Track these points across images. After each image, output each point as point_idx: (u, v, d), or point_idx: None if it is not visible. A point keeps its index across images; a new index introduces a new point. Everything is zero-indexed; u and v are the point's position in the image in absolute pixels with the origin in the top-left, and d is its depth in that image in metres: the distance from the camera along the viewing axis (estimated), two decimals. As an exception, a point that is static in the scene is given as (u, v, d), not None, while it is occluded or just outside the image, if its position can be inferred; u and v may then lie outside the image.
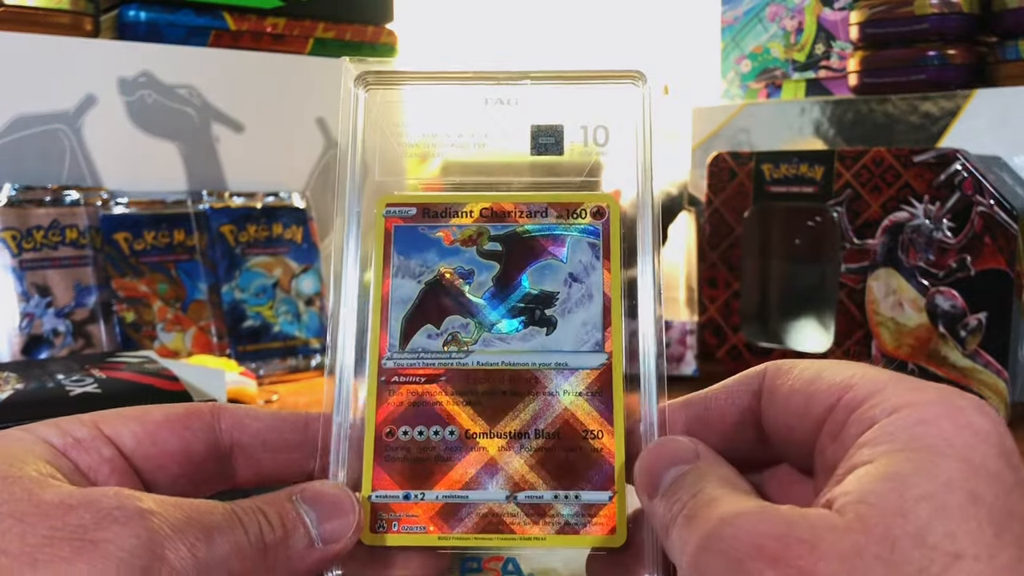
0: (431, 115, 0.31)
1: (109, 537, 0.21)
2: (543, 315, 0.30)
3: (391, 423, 0.29)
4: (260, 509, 0.25)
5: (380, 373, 0.29)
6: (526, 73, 0.31)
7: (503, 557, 0.27)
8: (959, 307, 0.64)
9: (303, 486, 0.27)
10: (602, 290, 0.30)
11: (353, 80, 0.31)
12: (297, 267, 0.85)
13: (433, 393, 0.29)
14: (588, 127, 0.31)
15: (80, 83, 0.78)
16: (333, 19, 0.90)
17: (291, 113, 0.89)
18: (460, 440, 0.28)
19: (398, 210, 0.31)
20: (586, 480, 0.28)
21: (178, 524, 0.22)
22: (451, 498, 0.28)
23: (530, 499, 0.28)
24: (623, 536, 0.27)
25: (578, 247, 0.30)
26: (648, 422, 0.28)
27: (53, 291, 0.74)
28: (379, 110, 0.31)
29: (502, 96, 0.31)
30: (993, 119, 0.73)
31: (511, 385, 0.29)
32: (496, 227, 0.30)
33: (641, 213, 0.30)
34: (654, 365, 0.29)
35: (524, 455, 0.28)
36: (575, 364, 0.29)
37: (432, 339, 0.29)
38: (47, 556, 0.20)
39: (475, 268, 0.30)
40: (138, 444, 0.27)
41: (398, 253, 0.30)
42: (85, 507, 0.22)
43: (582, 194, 0.31)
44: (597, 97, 0.31)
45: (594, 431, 0.28)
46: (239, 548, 0.23)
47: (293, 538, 0.25)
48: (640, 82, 0.31)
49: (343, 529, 0.26)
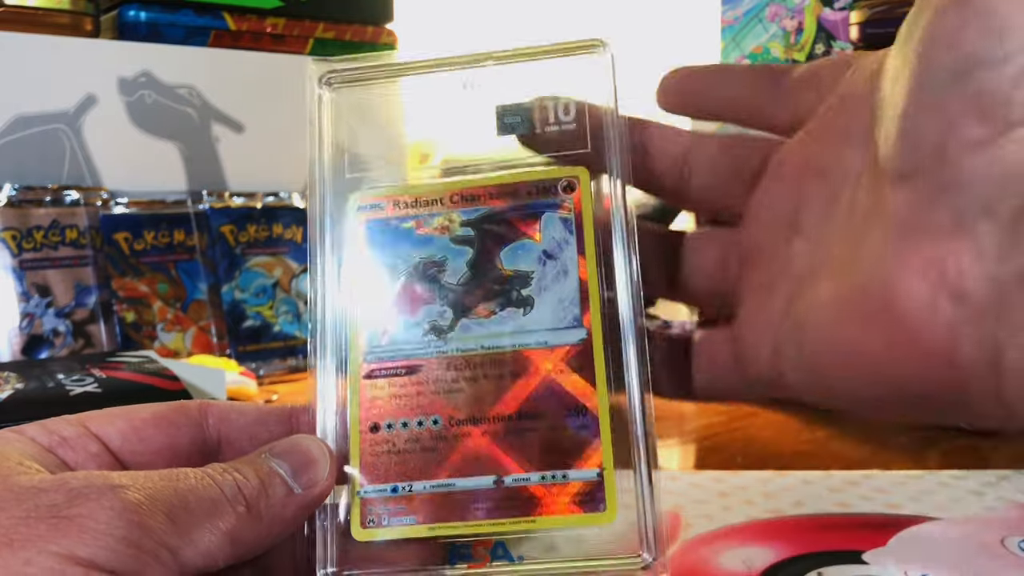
0: (397, 108, 0.32)
1: (83, 512, 0.21)
2: (519, 295, 0.29)
3: (375, 418, 0.29)
4: (234, 467, 0.25)
5: (361, 369, 0.29)
6: (488, 54, 0.31)
7: (492, 542, 0.28)
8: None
9: (272, 444, 0.27)
10: (577, 264, 0.29)
11: (316, 81, 0.31)
12: (297, 267, 0.85)
13: (415, 384, 0.29)
14: (555, 102, 0.31)
15: (80, 83, 0.78)
16: (333, 19, 0.91)
17: (291, 113, 0.89)
18: (444, 428, 0.28)
19: (370, 205, 0.31)
20: (573, 459, 0.28)
21: (152, 492, 0.22)
22: (439, 488, 0.28)
23: (517, 482, 0.28)
24: (614, 513, 0.27)
25: (550, 223, 0.30)
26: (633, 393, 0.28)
27: (53, 291, 0.74)
28: (345, 108, 0.31)
29: (466, 80, 0.31)
30: (993, 119, 0.73)
31: (492, 368, 0.29)
32: (467, 212, 0.30)
33: (612, 180, 0.30)
34: (634, 334, 0.29)
35: (509, 438, 0.28)
36: (555, 341, 0.29)
37: (411, 330, 0.29)
38: (22, 536, 0.20)
39: (448, 255, 0.30)
40: (124, 441, 0.27)
41: (372, 248, 0.30)
42: (56, 489, 0.22)
43: (552, 168, 0.30)
44: (561, 70, 0.31)
45: (578, 407, 0.28)
46: (217, 505, 0.24)
47: (271, 488, 0.25)
48: (602, 49, 0.31)
49: (318, 473, 0.26)
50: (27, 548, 0.20)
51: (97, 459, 0.26)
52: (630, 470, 0.28)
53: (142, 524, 0.21)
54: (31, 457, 0.24)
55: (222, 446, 0.28)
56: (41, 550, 0.20)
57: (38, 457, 0.25)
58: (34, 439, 0.25)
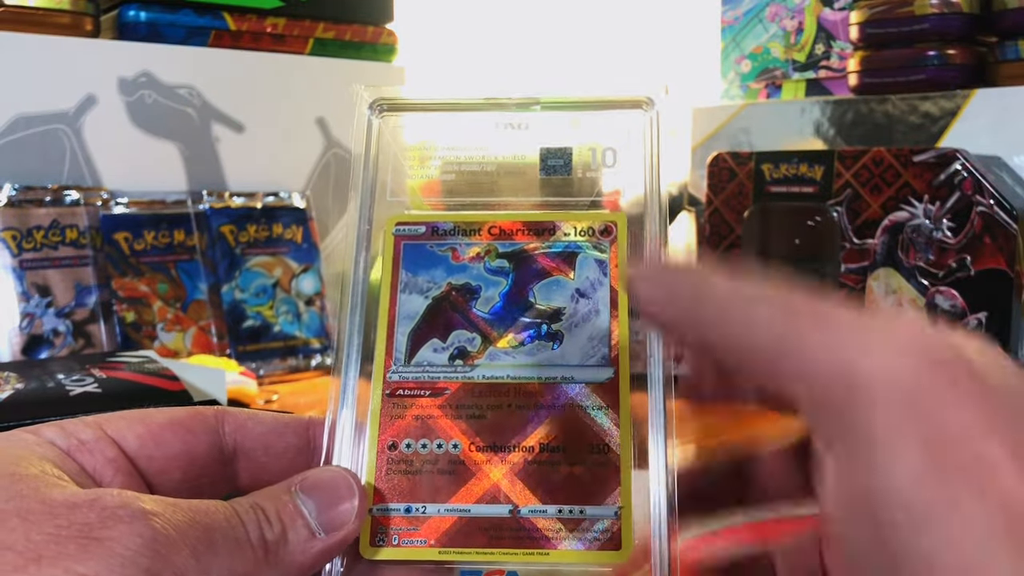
0: (442, 140, 0.32)
1: (114, 536, 0.21)
2: (550, 330, 0.30)
3: (394, 436, 0.29)
4: (258, 506, 0.25)
5: (385, 386, 0.29)
6: (536, 99, 0.32)
7: (503, 572, 0.27)
8: (959, 307, 0.64)
9: (303, 475, 0.26)
10: (609, 306, 0.30)
11: (368, 106, 0.32)
12: (297, 267, 0.85)
13: (438, 406, 0.29)
14: (597, 149, 0.32)
15: (80, 83, 0.78)
16: (333, 19, 0.91)
17: (291, 113, 0.89)
18: (464, 454, 0.28)
19: (407, 228, 0.31)
20: (591, 495, 0.28)
21: (180, 525, 0.22)
22: (453, 512, 0.28)
23: (534, 513, 0.28)
24: (628, 552, 0.27)
25: (585, 264, 0.30)
26: (656, 438, 0.28)
27: (53, 291, 0.74)
28: (391, 135, 0.32)
29: (512, 121, 0.32)
30: (993, 119, 0.73)
31: (516, 399, 0.29)
32: (504, 244, 0.31)
33: (649, 230, 0.30)
34: (661, 380, 0.29)
35: (529, 469, 0.28)
36: (581, 378, 0.29)
37: (438, 353, 0.30)
38: (52, 552, 0.20)
39: (482, 284, 0.30)
40: (141, 446, 0.27)
41: (406, 269, 0.31)
42: (89, 506, 0.22)
43: (590, 212, 0.31)
44: (606, 122, 0.32)
45: (600, 445, 0.28)
46: (240, 547, 0.23)
47: (292, 532, 0.25)
48: (648, 107, 0.31)
49: (344, 516, 0.26)
50: (55, 566, 0.20)
51: (114, 464, 0.26)
52: (648, 511, 0.27)
53: (167, 558, 0.21)
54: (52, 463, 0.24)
55: (237, 455, 0.28)
56: (67, 570, 0.20)
57: (59, 463, 0.24)
58: (53, 442, 0.25)
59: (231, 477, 0.29)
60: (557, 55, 1.23)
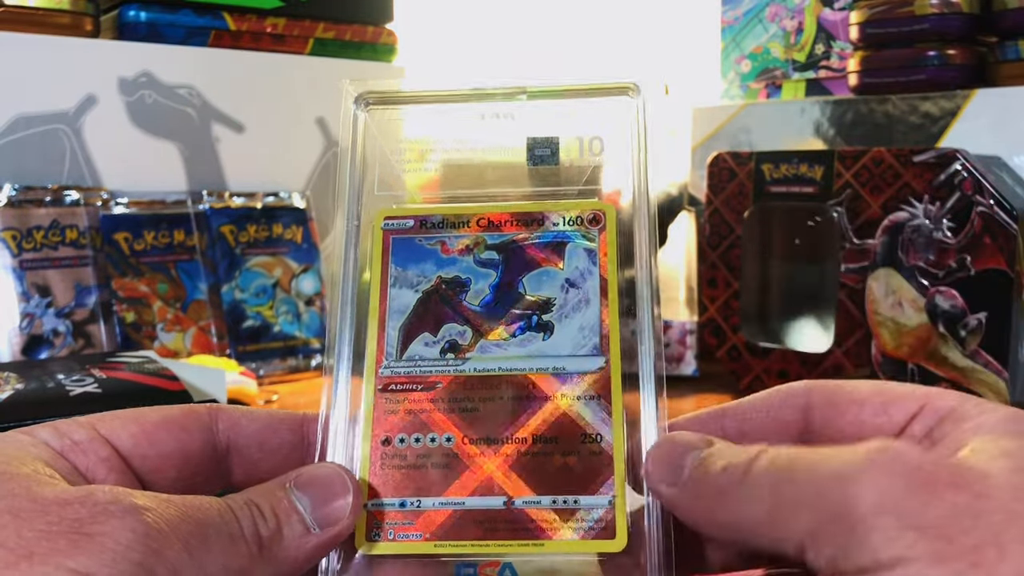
0: (429, 132, 0.32)
1: (105, 531, 0.21)
2: (540, 320, 0.30)
3: (388, 431, 0.29)
4: (252, 502, 0.25)
5: (377, 381, 0.29)
6: (522, 89, 0.32)
7: (499, 563, 0.27)
8: (959, 307, 0.64)
9: (298, 471, 0.27)
10: (599, 295, 0.30)
11: (353, 100, 0.32)
12: (297, 267, 0.85)
13: (430, 400, 0.29)
14: (584, 137, 0.31)
15: (80, 83, 0.78)
16: (333, 19, 0.90)
17: (291, 113, 0.89)
18: (457, 447, 0.28)
19: (396, 222, 0.31)
20: (585, 485, 0.28)
21: (172, 520, 0.22)
22: (447, 505, 0.28)
23: (528, 504, 0.28)
24: (623, 541, 0.27)
25: (575, 254, 0.30)
26: (648, 425, 0.28)
27: (53, 291, 0.74)
28: (378, 128, 0.32)
29: (499, 111, 0.32)
30: (993, 119, 0.73)
31: (509, 391, 0.29)
32: (493, 236, 0.31)
33: (638, 217, 0.30)
34: (652, 368, 0.29)
35: (522, 461, 0.28)
36: (573, 368, 0.29)
37: (429, 347, 0.30)
38: (44, 549, 0.20)
39: (472, 276, 0.30)
40: (135, 445, 0.27)
41: (395, 264, 0.31)
42: (81, 502, 0.22)
43: (579, 202, 0.31)
44: (592, 110, 0.32)
45: (593, 435, 0.28)
46: (234, 542, 0.23)
47: (287, 527, 0.25)
48: (634, 93, 0.31)
49: (339, 511, 0.26)
50: (47, 563, 0.20)
51: (107, 463, 0.26)
52: (642, 499, 0.27)
53: (159, 552, 0.21)
54: (45, 462, 0.24)
55: (231, 452, 0.28)
56: (59, 566, 0.20)
57: (51, 462, 0.24)
58: (46, 443, 0.25)
59: (225, 474, 0.29)
60: (557, 55, 1.23)
